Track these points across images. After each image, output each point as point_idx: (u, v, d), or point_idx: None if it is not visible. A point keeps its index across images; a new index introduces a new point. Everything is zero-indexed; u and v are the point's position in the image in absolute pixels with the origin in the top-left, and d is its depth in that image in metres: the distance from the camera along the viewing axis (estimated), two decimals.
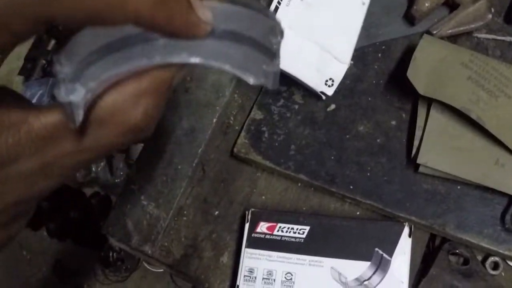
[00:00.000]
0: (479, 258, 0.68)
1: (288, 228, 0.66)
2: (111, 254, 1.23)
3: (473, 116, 0.65)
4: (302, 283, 0.64)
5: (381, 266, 0.63)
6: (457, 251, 0.67)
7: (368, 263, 0.64)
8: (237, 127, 0.71)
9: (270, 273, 0.65)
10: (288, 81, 0.70)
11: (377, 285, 0.63)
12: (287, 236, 0.66)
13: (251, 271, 0.65)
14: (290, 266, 0.65)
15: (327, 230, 0.66)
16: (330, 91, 0.69)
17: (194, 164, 0.69)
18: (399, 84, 0.68)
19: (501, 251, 0.65)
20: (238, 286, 0.65)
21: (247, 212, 0.66)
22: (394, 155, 0.68)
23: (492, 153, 0.67)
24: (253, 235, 0.66)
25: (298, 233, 0.66)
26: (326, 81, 0.69)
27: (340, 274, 0.63)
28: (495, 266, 0.68)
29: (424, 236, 0.68)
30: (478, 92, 0.67)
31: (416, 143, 0.67)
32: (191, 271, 0.68)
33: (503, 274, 0.68)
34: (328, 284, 0.64)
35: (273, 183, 0.69)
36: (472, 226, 0.66)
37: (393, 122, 0.69)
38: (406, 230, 0.64)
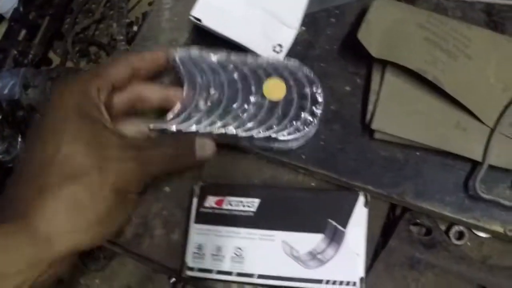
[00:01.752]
0: (443, 228, 0.58)
1: (237, 201, 0.57)
2: None
3: (430, 77, 0.55)
4: (253, 258, 0.55)
5: (335, 238, 0.53)
6: (418, 221, 0.57)
7: (322, 235, 0.54)
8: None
9: (219, 249, 0.56)
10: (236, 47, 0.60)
11: (331, 258, 0.53)
12: (236, 210, 0.56)
13: (199, 247, 0.56)
14: (239, 241, 0.56)
15: (278, 202, 0.56)
16: (279, 58, 0.59)
17: None
18: (353, 49, 0.58)
19: (465, 219, 0.55)
20: (186, 263, 0.56)
21: (195, 187, 0.57)
22: (349, 122, 0.58)
23: (452, 116, 0.57)
24: (201, 210, 0.58)
25: (248, 206, 0.56)
26: (274, 47, 0.59)
27: (292, 248, 0.54)
28: (460, 235, 0.57)
29: (383, 207, 0.58)
30: (436, 53, 0.57)
31: (370, 108, 0.57)
32: (142, 250, 0.59)
33: (468, 243, 0.57)
34: (279, 258, 0.54)
35: (222, 155, 0.59)
36: (433, 194, 0.56)
37: (347, 88, 0.59)
38: (361, 200, 0.54)
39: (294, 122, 0.55)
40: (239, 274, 0.55)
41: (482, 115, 0.57)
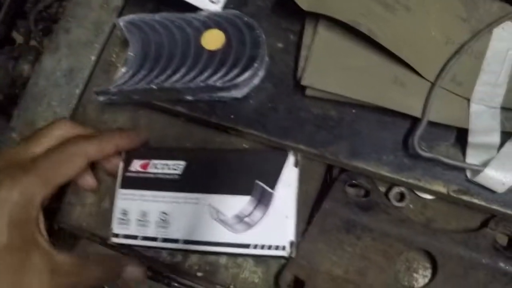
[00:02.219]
0: (383, 189, 0.53)
1: (162, 164, 0.53)
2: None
3: (363, 29, 0.50)
4: (178, 223, 0.51)
5: (263, 200, 0.49)
6: (355, 182, 0.52)
7: (249, 197, 0.50)
8: (119, 65, 0.57)
9: (144, 214, 0.52)
10: (174, 5, 0.56)
11: (258, 221, 0.49)
12: (161, 173, 0.52)
13: (124, 213, 0.52)
14: (164, 206, 0.51)
15: (205, 165, 0.52)
16: (216, 8, 0.55)
17: (72, 106, 0.56)
18: (287, 5, 0.53)
19: (404, 179, 0.50)
20: (112, 229, 0.52)
21: (122, 152, 0.52)
22: (280, 80, 0.53)
23: (389, 71, 0.52)
24: (126, 174, 0.53)
25: (173, 169, 0.52)
26: None
27: (218, 211, 0.49)
28: (401, 197, 0.52)
29: (319, 168, 0.53)
30: (371, 5, 0.52)
31: (301, 64, 0.52)
32: (73, 219, 0.55)
33: (411, 206, 0.52)
34: (205, 222, 0.50)
35: (154, 120, 0.55)
36: (369, 153, 0.51)
37: (280, 45, 0.55)
38: (291, 159, 0.50)
39: (233, 69, 0.51)
40: (165, 240, 0.51)
41: (422, 69, 0.52)
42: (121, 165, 0.53)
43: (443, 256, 0.51)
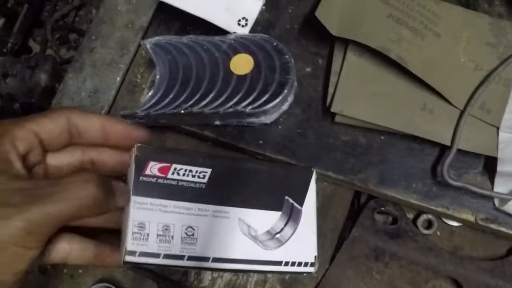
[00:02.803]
0: (411, 216, 0.51)
1: (186, 170, 0.44)
2: None
3: (393, 56, 0.48)
4: (207, 239, 0.43)
5: (293, 216, 0.46)
6: (383, 209, 0.50)
7: (279, 213, 0.45)
8: (144, 86, 0.55)
9: (166, 228, 0.43)
10: (200, 26, 0.55)
11: (289, 237, 0.45)
12: (185, 181, 0.43)
13: (141, 226, 0.42)
14: (191, 219, 0.43)
15: (232, 174, 0.46)
16: (245, 31, 0.53)
17: None
18: (315, 28, 0.52)
19: (433, 207, 0.49)
20: (125, 246, 0.40)
21: (133, 149, 0.42)
22: (309, 105, 0.52)
23: (418, 97, 0.50)
24: (141, 178, 0.43)
25: (198, 176, 0.44)
26: (239, 20, 0.53)
27: (249, 226, 0.45)
28: (428, 224, 0.51)
29: (347, 194, 0.52)
30: (400, 31, 0.50)
31: (331, 90, 0.51)
32: None
33: (438, 233, 0.51)
34: (236, 239, 0.44)
35: (181, 143, 0.54)
36: (398, 181, 0.49)
37: (308, 69, 0.53)
38: (314, 176, 0.47)
39: (262, 95, 0.49)
40: (191, 258, 0.43)
41: (451, 96, 0.50)
42: (132, 167, 0.44)
43: (470, 284, 0.49)
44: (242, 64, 0.51)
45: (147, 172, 0.42)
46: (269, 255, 0.44)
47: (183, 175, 0.43)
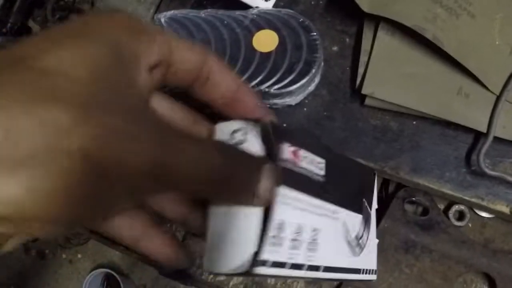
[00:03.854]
0: (441, 207, 0.46)
1: (310, 158, 0.31)
2: None
3: (429, 35, 0.43)
4: (325, 244, 0.32)
5: (367, 221, 0.38)
6: (414, 199, 0.45)
7: (360, 216, 0.37)
8: None
9: (299, 230, 0.30)
10: (218, 1, 0.48)
11: (366, 243, 0.37)
12: (310, 172, 0.31)
13: (280, 227, 0.28)
14: (318, 219, 0.32)
15: (337, 167, 0.34)
16: (269, 5, 0.47)
17: None
18: (342, 4, 0.46)
19: (467, 198, 0.44)
20: (259, 252, 0.26)
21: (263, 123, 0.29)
22: (336, 87, 0.46)
23: (454, 80, 0.45)
24: (279, 162, 0.28)
25: (319, 168, 0.32)
26: None
27: (347, 230, 0.35)
28: (460, 216, 0.45)
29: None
30: (435, 9, 0.45)
31: (361, 70, 0.45)
32: None
33: (470, 225, 0.46)
34: (340, 244, 0.34)
35: None
36: (431, 169, 0.44)
37: (335, 48, 0.47)
38: (376, 178, 0.41)
39: (287, 75, 0.44)
40: (310, 268, 0.31)
41: (487, 80, 0.45)
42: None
43: (503, 278, 0.45)
44: (266, 41, 0.46)
45: (284, 155, 0.29)
46: (355, 262, 0.36)
47: (309, 163, 0.31)
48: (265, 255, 0.27)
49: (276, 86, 0.44)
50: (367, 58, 0.46)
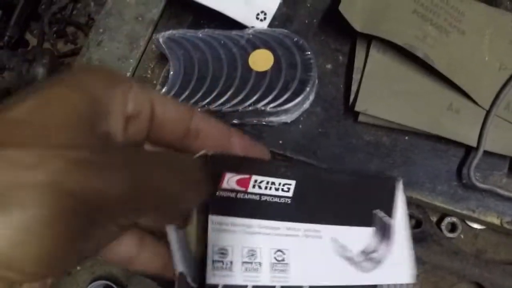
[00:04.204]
0: (434, 219, 0.47)
1: (268, 182, 0.33)
2: None
3: (420, 54, 0.44)
4: (300, 264, 0.33)
5: (385, 232, 0.37)
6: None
7: (370, 229, 0.36)
8: (155, 81, 0.50)
9: (252, 253, 0.32)
10: (214, 20, 0.50)
11: (385, 256, 0.36)
12: (268, 195, 0.33)
13: (223, 252, 0.31)
14: (280, 241, 0.33)
15: (316, 186, 0.36)
16: (264, 25, 0.48)
17: None
18: (335, 23, 0.47)
19: (458, 210, 0.45)
20: (206, 279, 0.29)
21: (204, 152, 0.31)
22: (330, 104, 0.47)
23: (444, 96, 0.46)
24: (218, 193, 0.31)
25: (282, 190, 0.34)
26: (258, 14, 0.49)
27: (344, 247, 0.35)
28: (453, 227, 0.47)
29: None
30: (426, 28, 0.46)
31: (354, 88, 0.46)
32: None
33: (462, 236, 0.47)
34: (331, 262, 0.35)
35: None
36: (423, 183, 0.45)
37: (329, 66, 0.48)
38: (400, 186, 0.40)
39: (283, 93, 0.45)
40: None
41: (477, 95, 0.46)
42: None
43: None
44: (261, 60, 0.47)
45: (225, 185, 0.31)
46: (365, 279, 0.35)
47: (266, 188, 0.33)
48: (212, 279, 0.29)
49: (272, 105, 0.45)
50: (359, 76, 0.47)
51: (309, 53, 0.47)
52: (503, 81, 0.48)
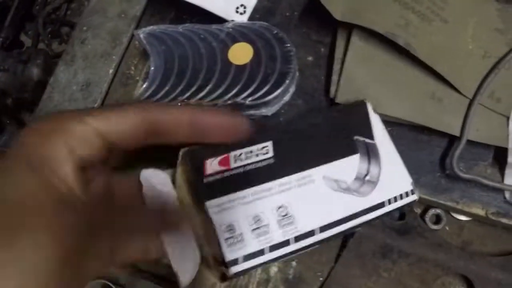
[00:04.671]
0: (418, 211, 0.47)
1: (247, 152, 0.37)
2: None
3: (401, 42, 0.44)
4: (303, 212, 0.36)
5: (371, 153, 0.40)
6: None
7: (356, 156, 0.39)
8: (138, 78, 0.51)
9: (257, 218, 0.35)
10: (196, 15, 0.51)
11: (379, 175, 0.40)
12: (250, 163, 0.36)
13: (231, 228, 0.34)
14: (277, 198, 0.36)
15: (294, 137, 0.39)
16: (244, 18, 0.48)
17: None
18: (316, 15, 0.47)
19: (442, 201, 0.45)
20: (224, 258, 0.33)
21: (179, 155, 0.35)
22: (312, 96, 0.47)
23: (427, 85, 0.46)
24: (205, 181, 0.35)
25: (262, 153, 0.37)
26: (237, 8, 0.49)
27: (337, 181, 0.38)
28: (437, 219, 0.47)
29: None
30: (407, 16, 0.46)
31: (334, 78, 0.46)
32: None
33: (447, 228, 0.47)
34: (331, 198, 0.38)
35: None
36: None
37: (310, 58, 0.48)
38: (369, 106, 0.43)
39: (262, 86, 0.45)
40: (298, 238, 0.36)
41: (459, 84, 0.46)
42: (192, 172, 0.36)
43: (480, 281, 0.45)
44: (241, 53, 0.47)
45: (209, 171, 0.35)
46: (369, 201, 0.39)
47: (246, 158, 0.36)
48: (231, 256, 0.33)
49: (251, 98, 0.45)
50: (339, 66, 0.47)
51: (289, 45, 0.47)
52: (487, 70, 0.48)
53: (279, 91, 0.45)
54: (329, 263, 0.46)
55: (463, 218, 0.48)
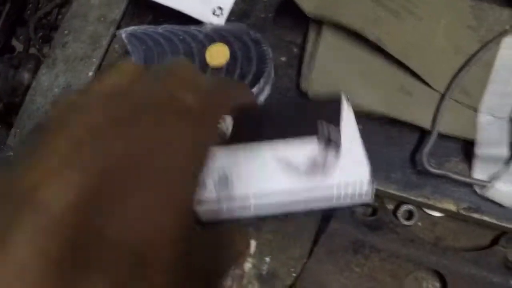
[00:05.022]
0: (391, 207, 0.48)
1: None
2: None
3: (372, 37, 0.45)
4: (241, 177, 0.39)
5: (332, 138, 0.41)
6: None
7: (314, 137, 0.40)
8: None
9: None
10: (174, 18, 0.51)
11: (334, 161, 0.40)
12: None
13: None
14: (219, 161, 0.39)
15: (256, 116, 0.41)
16: (220, 21, 0.49)
17: None
18: (290, 16, 0.48)
19: (413, 197, 0.45)
20: None
21: None
22: (285, 96, 0.48)
23: (395, 78, 0.47)
24: None
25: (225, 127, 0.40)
26: (214, 10, 0.50)
27: (287, 157, 0.40)
28: (409, 215, 0.47)
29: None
30: (380, 12, 0.47)
31: (305, 71, 0.47)
32: None
33: (419, 224, 0.47)
34: (273, 171, 0.39)
35: None
36: (377, 171, 0.46)
37: (283, 59, 0.50)
38: (344, 97, 0.44)
39: None
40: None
41: (430, 79, 0.47)
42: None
43: (453, 276, 0.46)
44: (217, 54, 0.48)
45: None
46: (316, 182, 0.39)
47: None
48: None
49: None
50: (309, 59, 0.48)
51: (264, 46, 0.48)
52: (459, 65, 0.48)
53: (254, 90, 0.46)
54: (302, 258, 0.47)
55: (436, 214, 0.48)
